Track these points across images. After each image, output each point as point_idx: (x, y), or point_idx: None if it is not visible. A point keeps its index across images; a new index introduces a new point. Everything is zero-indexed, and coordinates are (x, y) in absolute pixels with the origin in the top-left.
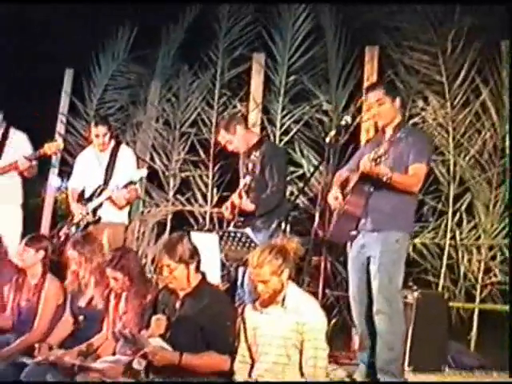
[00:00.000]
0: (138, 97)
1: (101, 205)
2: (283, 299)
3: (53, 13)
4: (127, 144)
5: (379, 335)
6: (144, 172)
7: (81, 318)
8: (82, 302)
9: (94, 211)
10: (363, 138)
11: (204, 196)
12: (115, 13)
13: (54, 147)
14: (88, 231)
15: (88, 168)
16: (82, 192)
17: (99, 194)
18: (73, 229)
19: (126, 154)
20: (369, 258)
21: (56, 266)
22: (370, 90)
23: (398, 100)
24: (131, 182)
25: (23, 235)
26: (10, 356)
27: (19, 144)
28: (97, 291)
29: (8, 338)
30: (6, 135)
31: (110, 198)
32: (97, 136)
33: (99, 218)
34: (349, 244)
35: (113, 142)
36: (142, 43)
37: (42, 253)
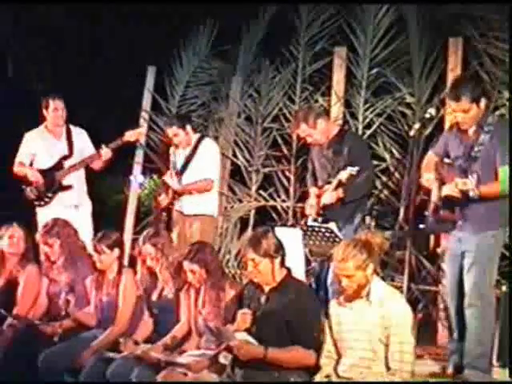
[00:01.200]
0: (220, 93)
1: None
2: (368, 294)
3: (134, 10)
4: None
5: (469, 329)
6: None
7: (155, 311)
8: (155, 296)
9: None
10: None
11: (287, 191)
12: (196, 9)
13: (135, 134)
14: (162, 226)
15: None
16: None
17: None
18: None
19: (207, 145)
20: (463, 253)
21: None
22: (454, 99)
23: (483, 101)
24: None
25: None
26: (97, 351)
27: (82, 140)
28: (171, 286)
29: (94, 334)
30: (69, 132)
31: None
32: (170, 135)
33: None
34: (442, 237)
35: (196, 136)
36: (224, 39)
37: (116, 251)
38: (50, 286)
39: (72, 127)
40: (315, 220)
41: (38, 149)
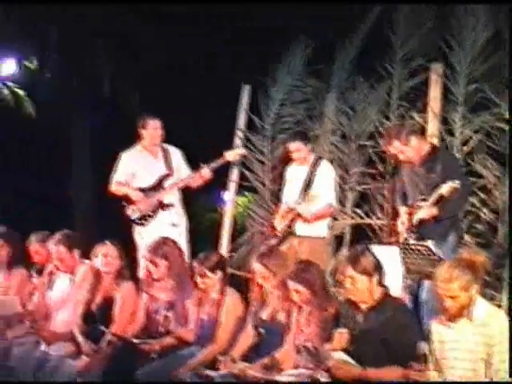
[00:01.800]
0: (315, 110)
1: (296, 218)
2: (470, 313)
3: (229, 30)
4: None
5: None
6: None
7: (262, 330)
8: (265, 315)
9: (289, 225)
10: None
11: (382, 209)
12: (290, 27)
13: (234, 154)
14: (275, 245)
15: (290, 182)
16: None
17: (294, 207)
18: (272, 241)
19: (326, 168)
20: None
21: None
22: None
23: None
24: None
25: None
26: (194, 368)
27: (178, 159)
28: (280, 305)
29: (192, 351)
30: (166, 152)
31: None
32: (292, 149)
33: (293, 232)
34: None
35: (312, 156)
36: (318, 57)
37: (219, 272)
38: (149, 302)
39: (167, 146)
40: (411, 238)
41: (137, 168)
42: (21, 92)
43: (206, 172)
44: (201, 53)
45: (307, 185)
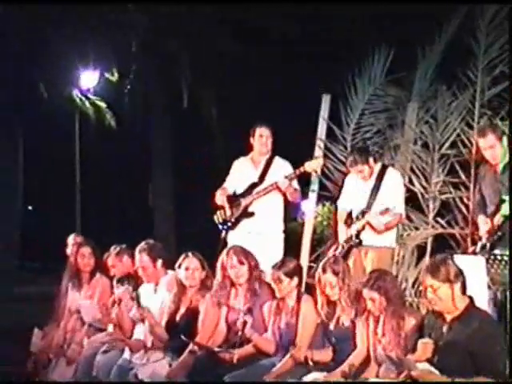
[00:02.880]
0: (396, 120)
1: (363, 228)
2: None
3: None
4: None
5: None
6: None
7: (333, 340)
8: (332, 324)
9: (357, 235)
10: None
11: (465, 218)
12: (371, 35)
13: (313, 164)
14: (346, 254)
15: (356, 190)
16: (349, 214)
17: (362, 217)
18: (337, 251)
19: (393, 177)
20: None
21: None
22: None
23: None
24: (387, 209)
25: None
26: (277, 378)
27: (280, 170)
28: (350, 313)
29: (272, 361)
30: (271, 161)
31: (369, 223)
32: (355, 172)
33: (360, 241)
34: None
35: (378, 166)
36: (399, 65)
37: (295, 280)
38: (228, 313)
39: (277, 158)
40: (496, 247)
41: (237, 176)
42: (102, 104)
43: (282, 183)
44: (281, 63)
45: (374, 192)
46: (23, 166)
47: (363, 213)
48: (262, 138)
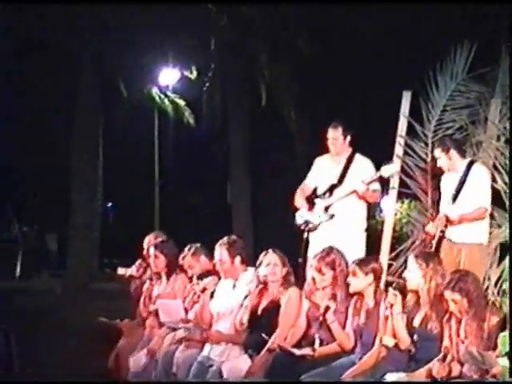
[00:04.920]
0: (478, 116)
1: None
2: None
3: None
4: None
5: None
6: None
7: (415, 337)
8: (417, 322)
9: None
10: None
11: None
12: (453, 30)
13: (390, 169)
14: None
15: (445, 188)
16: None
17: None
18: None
19: (479, 172)
20: None
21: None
22: None
23: None
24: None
25: None
26: (356, 376)
27: (361, 169)
28: (433, 312)
29: (352, 359)
30: (351, 160)
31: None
32: (437, 158)
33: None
34: None
35: (465, 161)
36: (481, 61)
37: (370, 276)
38: (310, 309)
39: (357, 156)
40: None
41: (319, 174)
42: (181, 102)
43: (360, 187)
44: (361, 59)
45: (458, 189)
46: (103, 163)
47: (445, 207)
48: (329, 140)
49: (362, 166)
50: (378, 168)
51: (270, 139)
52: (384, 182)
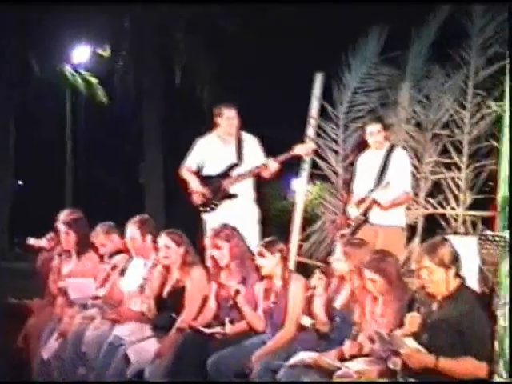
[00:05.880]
0: (388, 99)
1: (370, 208)
2: None
3: (301, 16)
4: None
5: None
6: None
7: (336, 319)
8: (338, 304)
9: (364, 213)
10: None
11: (456, 198)
12: (365, 14)
13: (304, 149)
14: (353, 233)
15: (363, 169)
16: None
17: (370, 196)
18: (345, 230)
19: (400, 156)
20: None
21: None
22: None
23: None
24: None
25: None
26: (265, 356)
27: (253, 148)
28: (354, 294)
29: (263, 339)
30: (240, 140)
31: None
32: (371, 134)
33: (366, 219)
34: None
35: (387, 144)
36: (393, 44)
37: (277, 256)
38: (218, 290)
39: (244, 135)
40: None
41: (208, 155)
42: (93, 80)
43: (272, 165)
44: (274, 41)
45: (382, 171)
46: (14, 140)
47: (371, 191)
48: (230, 119)
49: (253, 144)
50: (291, 148)
51: (186, 119)
52: (295, 164)
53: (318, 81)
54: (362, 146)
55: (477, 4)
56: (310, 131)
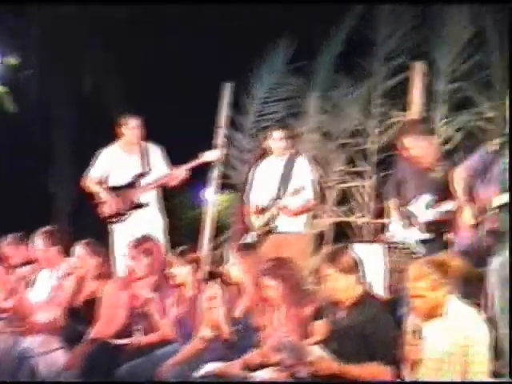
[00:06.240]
0: (297, 108)
1: (277, 215)
2: (445, 313)
3: (209, 27)
4: None
5: None
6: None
7: (237, 327)
8: (238, 313)
9: (270, 221)
10: None
11: (363, 207)
12: (273, 25)
13: (211, 155)
14: (252, 242)
15: (264, 178)
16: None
17: (275, 204)
18: (249, 238)
19: (302, 163)
20: None
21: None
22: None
23: None
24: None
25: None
26: (177, 365)
27: (158, 157)
28: (255, 302)
29: (175, 348)
30: (146, 150)
31: (283, 208)
32: (274, 140)
33: (276, 228)
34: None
35: (289, 152)
36: (301, 55)
37: (190, 266)
38: (131, 299)
39: (148, 144)
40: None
41: (112, 166)
42: (0, 88)
43: (180, 172)
44: (183, 50)
45: (284, 179)
46: None
47: (277, 199)
48: (133, 129)
49: (158, 153)
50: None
51: (95, 128)
52: (206, 173)
53: (227, 90)
54: (262, 154)
55: (381, 15)
56: (219, 140)
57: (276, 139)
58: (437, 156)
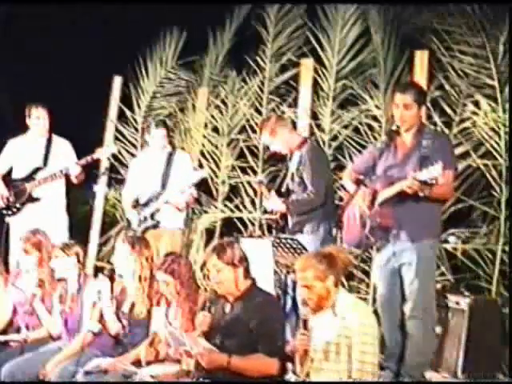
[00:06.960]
0: (187, 103)
1: (158, 210)
2: (333, 305)
3: (99, 19)
4: None
5: (411, 340)
6: (203, 173)
7: (125, 323)
8: (126, 308)
9: (152, 216)
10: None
11: (253, 202)
12: (163, 19)
13: (106, 153)
14: (142, 237)
15: (143, 173)
16: (137, 197)
17: (156, 199)
18: (130, 233)
19: (182, 158)
20: (401, 266)
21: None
22: (400, 91)
23: (423, 109)
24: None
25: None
26: (61, 362)
27: (63, 151)
28: (143, 297)
29: (59, 346)
30: (49, 143)
31: (168, 203)
32: (153, 137)
33: (158, 223)
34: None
35: (169, 147)
36: (190, 50)
37: (74, 259)
38: (16, 295)
39: (55, 137)
40: (283, 231)
41: (15, 158)
42: None
43: (73, 168)
44: (71, 43)
45: (165, 174)
46: None
47: (158, 194)
48: (39, 119)
49: (64, 146)
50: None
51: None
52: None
53: (116, 84)
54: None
55: (270, 12)
56: (109, 135)
57: (155, 137)
58: (292, 146)
